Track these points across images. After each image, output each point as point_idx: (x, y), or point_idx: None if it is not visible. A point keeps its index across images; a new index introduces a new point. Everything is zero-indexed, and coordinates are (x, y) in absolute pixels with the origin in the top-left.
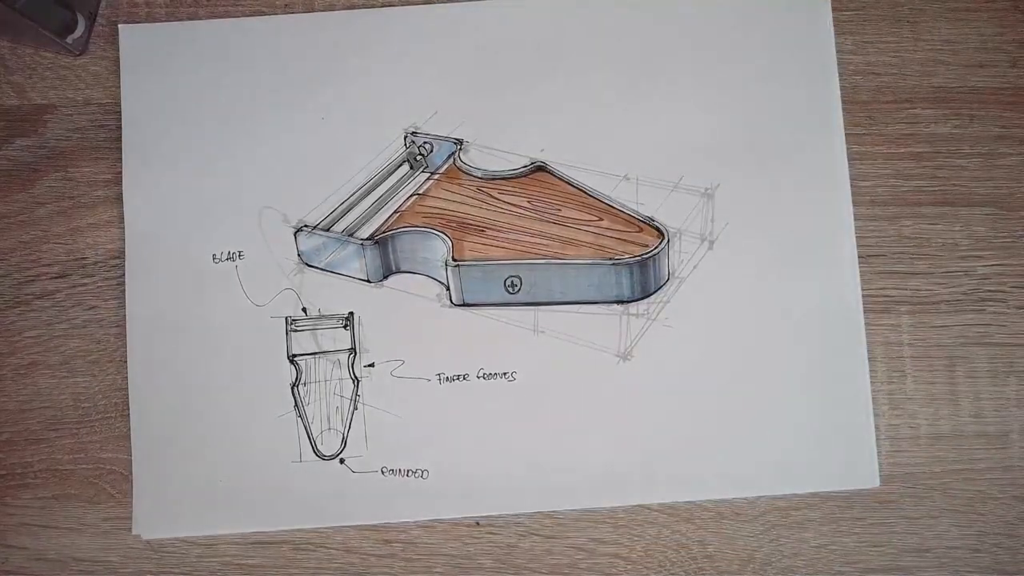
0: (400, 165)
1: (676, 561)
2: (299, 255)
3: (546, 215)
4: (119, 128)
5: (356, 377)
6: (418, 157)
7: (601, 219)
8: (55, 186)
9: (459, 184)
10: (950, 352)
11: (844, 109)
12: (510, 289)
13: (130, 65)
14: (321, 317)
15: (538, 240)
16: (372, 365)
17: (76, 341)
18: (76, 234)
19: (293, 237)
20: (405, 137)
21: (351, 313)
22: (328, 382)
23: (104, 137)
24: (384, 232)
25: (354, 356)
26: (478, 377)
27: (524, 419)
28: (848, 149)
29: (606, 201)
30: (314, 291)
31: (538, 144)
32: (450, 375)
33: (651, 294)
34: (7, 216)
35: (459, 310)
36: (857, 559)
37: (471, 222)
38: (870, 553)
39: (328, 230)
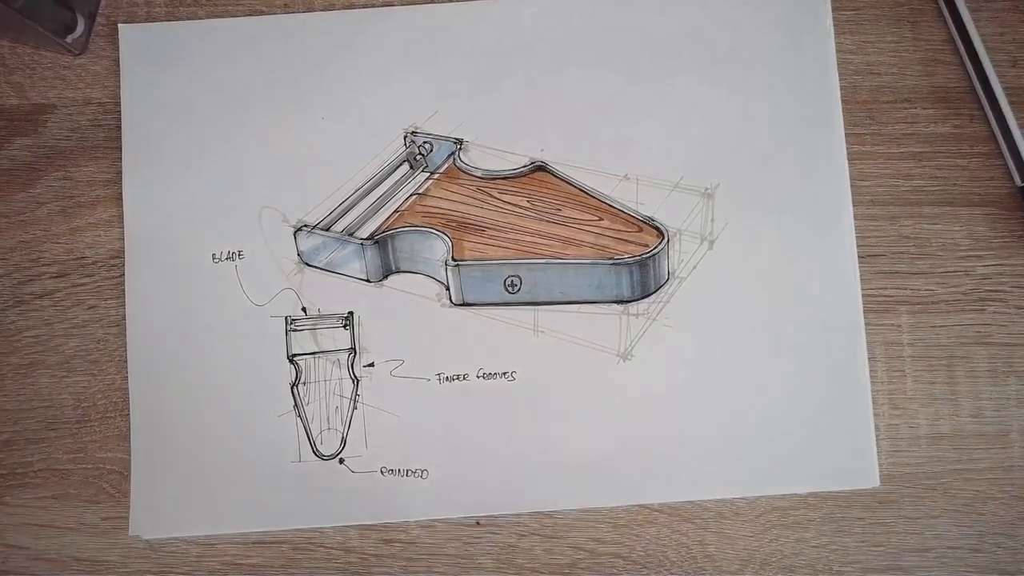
0: (400, 165)
1: (676, 561)
2: (299, 255)
3: (546, 215)
4: (119, 128)
5: (356, 377)
6: (418, 157)
7: (601, 219)
8: (55, 186)
9: (459, 184)
10: (950, 352)
11: (844, 109)
12: (510, 289)
13: (130, 65)
14: (321, 317)
15: (538, 240)
16: (372, 365)
17: (76, 341)
18: (76, 234)
19: (293, 237)
20: (405, 137)
21: (351, 313)
22: (328, 382)
23: (104, 137)
24: (384, 232)
25: (354, 356)
26: (478, 377)
27: (524, 419)
28: (848, 149)
29: (606, 201)
30: (314, 291)
31: (538, 144)
32: (450, 375)
33: (651, 294)
34: (7, 216)
35: (459, 310)
36: (857, 559)
37: (471, 222)
38: (870, 553)
39: (328, 230)
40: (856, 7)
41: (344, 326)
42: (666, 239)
